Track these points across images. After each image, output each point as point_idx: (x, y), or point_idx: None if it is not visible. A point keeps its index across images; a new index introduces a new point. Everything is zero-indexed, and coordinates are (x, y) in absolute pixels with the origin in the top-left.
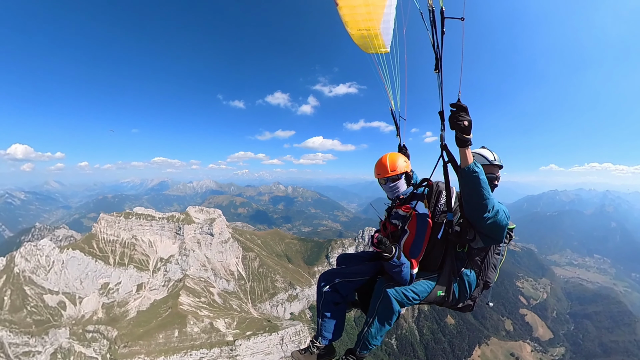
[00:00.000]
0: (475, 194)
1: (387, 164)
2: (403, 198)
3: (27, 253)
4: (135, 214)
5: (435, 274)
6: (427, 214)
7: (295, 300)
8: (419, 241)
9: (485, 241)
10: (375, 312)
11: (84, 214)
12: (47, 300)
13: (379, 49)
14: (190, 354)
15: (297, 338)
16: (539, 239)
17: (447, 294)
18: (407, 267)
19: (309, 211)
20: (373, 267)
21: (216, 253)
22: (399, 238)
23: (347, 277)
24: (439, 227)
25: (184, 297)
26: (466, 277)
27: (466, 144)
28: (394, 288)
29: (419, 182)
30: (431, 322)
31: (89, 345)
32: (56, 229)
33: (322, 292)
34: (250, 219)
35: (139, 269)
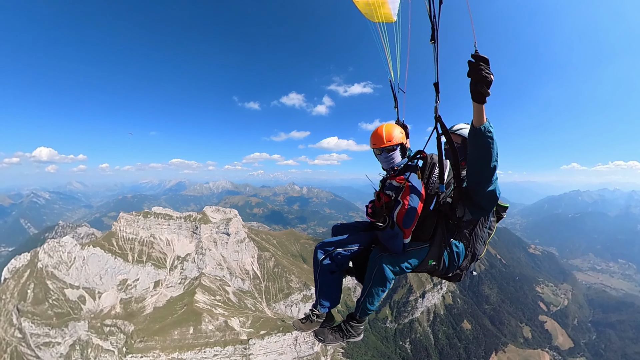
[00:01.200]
0: (486, 156)
1: (382, 135)
2: (397, 169)
3: (50, 249)
4: (153, 213)
5: (427, 244)
6: (421, 186)
7: (310, 301)
8: (411, 212)
9: (474, 213)
10: (371, 280)
11: (104, 213)
12: (68, 294)
13: (385, 18)
14: (204, 351)
15: (310, 339)
16: (560, 242)
17: (438, 263)
18: (400, 237)
19: (323, 212)
20: (368, 237)
21: (232, 252)
22: (392, 208)
23: (342, 247)
24: (431, 199)
25: (199, 294)
26: (455, 248)
27: (485, 99)
28: (388, 257)
29: (413, 154)
30: (447, 327)
31: (106, 339)
32: (78, 226)
33: (319, 262)
34: (265, 219)
35: (156, 266)
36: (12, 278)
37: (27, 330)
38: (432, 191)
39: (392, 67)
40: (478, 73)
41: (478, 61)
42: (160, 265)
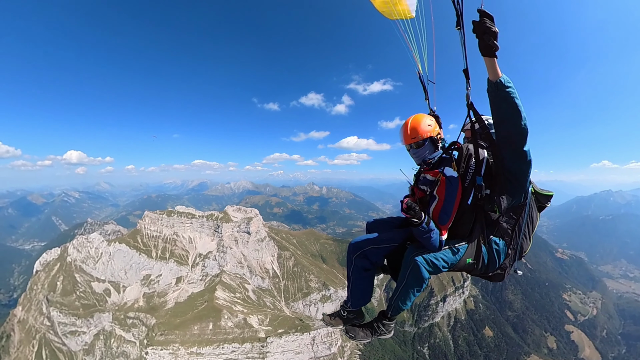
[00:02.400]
0: (510, 110)
1: (407, 130)
2: (431, 162)
3: (79, 245)
4: (176, 212)
5: (465, 241)
6: (457, 179)
7: (329, 301)
8: (448, 207)
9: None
10: (405, 279)
11: (130, 211)
12: (95, 287)
13: (404, 14)
14: (222, 347)
15: (328, 339)
16: (590, 246)
17: (477, 261)
18: (437, 233)
19: (343, 212)
20: (402, 234)
21: (252, 251)
22: (427, 204)
23: (376, 244)
24: (468, 193)
25: (219, 291)
26: (495, 246)
27: (495, 52)
28: (423, 255)
29: (448, 146)
30: (468, 333)
31: (129, 330)
32: (105, 224)
33: (352, 259)
34: (285, 218)
35: (178, 263)
36: (43, 270)
37: (56, 319)
38: (469, 184)
39: (419, 59)
40: (483, 26)
41: (482, 17)
42: (183, 262)
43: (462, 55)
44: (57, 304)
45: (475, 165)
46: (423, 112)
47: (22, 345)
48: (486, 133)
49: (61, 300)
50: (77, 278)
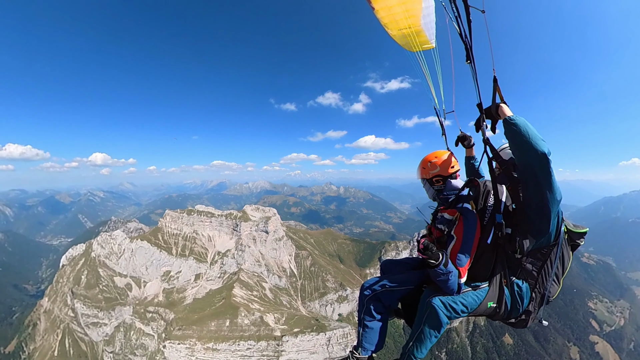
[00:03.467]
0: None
1: (424, 166)
2: (446, 199)
3: (103, 241)
4: (196, 211)
5: (486, 284)
6: (475, 217)
7: (345, 302)
8: (466, 247)
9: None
10: (421, 324)
11: (152, 210)
12: (117, 281)
13: (423, 45)
14: (238, 344)
15: (344, 340)
16: (619, 251)
17: (499, 305)
18: (455, 275)
19: (360, 212)
20: (418, 276)
21: (270, 250)
22: (445, 244)
23: (390, 286)
24: (488, 231)
25: (237, 289)
26: (517, 289)
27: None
28: (441, 299)
29: (465, 183)
30: (486, 340)
31: (148, 324)
32: (128, 222)
33: (364, 302)
34: (302, 218)
35: (198, 260)
36: (69, 265)
37: (79, 310)
38: (488, 222)
39: (436, 93)
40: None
41: None
42: (202, 260)
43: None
44: (81, 297)
45: (495, 203)
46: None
47: (47, 333)
48: (505, 169)
49: (85, 293)
50: (100, 272)
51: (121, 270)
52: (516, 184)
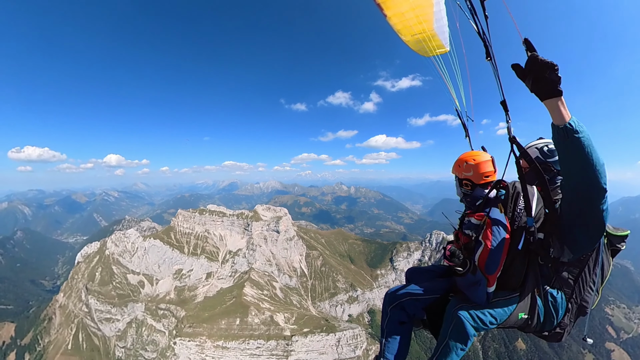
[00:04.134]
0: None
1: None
2: (472, 203)
3: (117, 239)
4: (208, 210)
5: (516, 293)
6: (505, 222)
7: (355, 303)
8: (495, 254)
9: (574, 249)
10: (447, 336)
11: (164, 209)
12: (130, 278)
13: (438, 49)
14: (247, 343)
15: (353, 342)
16: (638, 253)
17: (531, 316)
18: (483, 284)
19: (371, 212)
20: (444, 284)
21: (281, 249)
22: (473, 250)
23: (415, 295)
24: (519, 237)
25: (248, 288)
26: (551, 299)
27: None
28: (468, 309)
29: (493, 185)
30: (499, 344)
31: (159, 321)
32: (141, 221)
33: (388, 310)
34: (313, 218)
35: (209, 259)
36: (84, 262)
37: (93, 306)
38: (518, 227)
39: (456, 95)
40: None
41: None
42: (213, 258)
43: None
44: (95, 293)
45: (525, 206)
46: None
47: (61, 327)
48: (533, 167)
49: (99, 289)
50: (114, 270)
51: (134, 268)
52: (548, 186)
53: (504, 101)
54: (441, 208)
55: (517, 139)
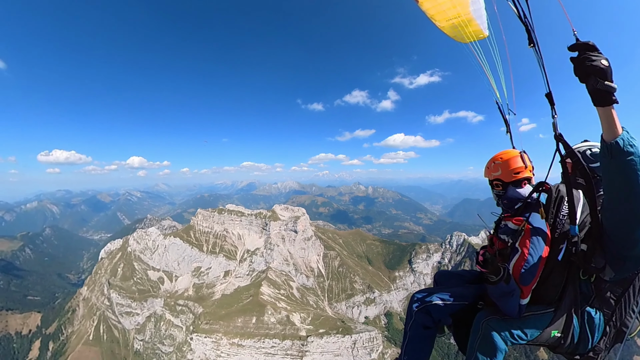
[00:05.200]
0: (629, 184)
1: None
2: (510, 205)
3: (139, 237)
4: (227, 210)
5: (551, 309)
6: (544, 229)
7: (372, 305)
8: (532, 263)
9: (620, 269)
10: (474, 350)
11: (185, 209)
12: (150, 275)
13: (476, 35)
14: (263, 342)
15: (369, 345)
16: None
17: (564, 336)
18: (517, 295)
19: (389, 212)
20: (475, 291)
21: (299, 249)
22: (508, 257)
23: (442, 299)
24: (559, 246)
25: (265, 287)
26: (589, 319)
27: (610, 97)
28: (498, 322)
29: (534, 187)
30: (519, 353)
31: (177, 316)
32: (162, 220)
33: (413, 313)
34: (331, 218)
35: (227, 257)
36: (107, 258)
37: (114, 300)
38: (560, 235)
39: (497, 86)
40: (585, 65)
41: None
42: (231, 257)
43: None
44: (116, 287)
45: (569, 212)
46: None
47: (84, 319)
48: (580, 169)
49: (120, 284)
50: (135, 266)
51: (155, 265)
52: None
53: (550, 93)
54: (461, 209)
55: (563, 136)
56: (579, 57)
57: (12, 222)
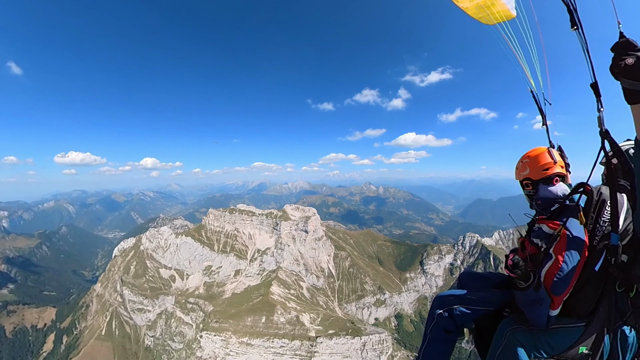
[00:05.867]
0: None
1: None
2: (545, 207)
3: (151, 236)
4: (238, 210)
5: (582, 323)
6: (582, 235)
7: (382, 306)
8: (566, 272)
9: None
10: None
11: (196, 209)
12: (162, 273)
13: (504, 15)
14: (272, 341)
15: (379, 347)
16: None
17: (593, 353)
18: (546, 304)
19: (400, 212)
20: (501, 297)
21: (309, 249)
22: (540, 263)
23: (467, 303)
24: (597, 255)
25: (275, 287)
26: (622, 337)
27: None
28: (523, 333)
29: (573, 188)
30: None
31: (188, 314)
32: (175, 219)
33: (435, 315)
34: (341, 218)
35: (238, 257)
36: (120, 256)
37: (127, 296)
38: (599, 243)
39: (531, 73)
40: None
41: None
42: (242, 256)
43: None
44: (129, 284)
45: (611, 217)
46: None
47: (97, 314)
48: (627, 170)
49: (133, 281)
50: (147, 264)
51: (166, 263)
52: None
53: (596, 83)
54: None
55: (610, 133)
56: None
57: (30, 221)
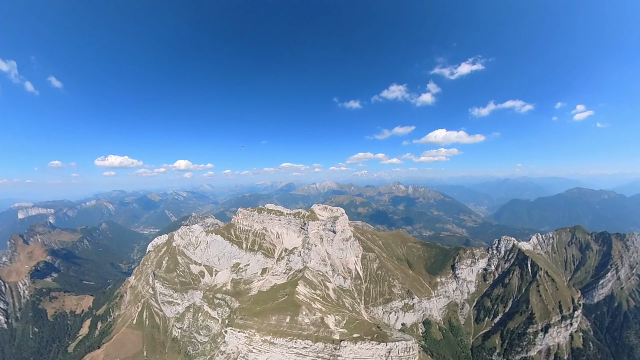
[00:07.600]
0: None
1: None
2: None
3: (183, 233)
4: (266, 209)
5: None
6: None
7: (410, 311)
8: None
9: None
10: None
11: (227, 208)
12: (192, 268)
13: None
14: (295, 342)
15: (405, 355)
16: None
17: None
18: None
19: (431, 213)
20: None
21: (337, 250)
22: None
23: None
24: None
25: (301, 286)
26: None
27: None
28: None
29: None
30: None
31: (215, 309)
32: (206, 217)
33: None
34: (370, 218)
35: (265, 255)
36: (154, 251)
37: (158, 289)
38: None
39: None
40: None
41: None
42: (269, 255)
43: None
44: (160, 278)
45: None
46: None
47: (130, 305)
48: None
49: (164, 275)
50: (178, 260)
51: (196, 259)
52: None
53: None
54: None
55: None
56: None
57: (73, 218)
